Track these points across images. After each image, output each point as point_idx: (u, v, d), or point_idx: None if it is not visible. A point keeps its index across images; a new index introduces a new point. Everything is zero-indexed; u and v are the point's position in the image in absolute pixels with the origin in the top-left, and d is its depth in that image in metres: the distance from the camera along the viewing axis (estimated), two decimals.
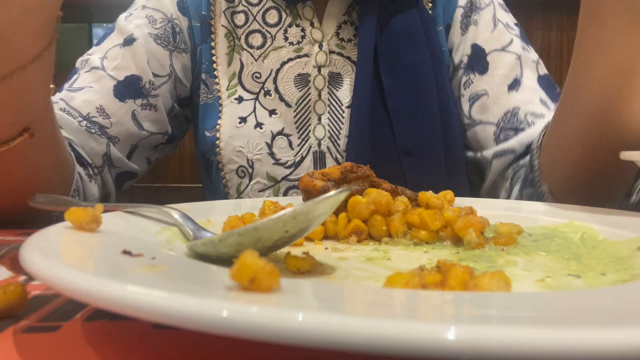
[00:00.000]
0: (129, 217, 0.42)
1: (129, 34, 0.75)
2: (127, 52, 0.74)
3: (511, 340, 0.15)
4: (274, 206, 0.48)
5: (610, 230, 0.41)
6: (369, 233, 0.44)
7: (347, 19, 0.76)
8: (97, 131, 0.71)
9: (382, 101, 0.71)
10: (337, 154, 0.74)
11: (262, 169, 0.74)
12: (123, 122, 0.73)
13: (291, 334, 0.17)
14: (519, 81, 0.73)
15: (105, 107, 0.72)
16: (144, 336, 0.25)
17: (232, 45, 0.77)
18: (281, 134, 0.74)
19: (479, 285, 0.25)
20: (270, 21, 0.77)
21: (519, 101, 0.72)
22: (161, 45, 0.77)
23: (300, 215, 0.30)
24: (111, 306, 0.19)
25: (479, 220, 0.41)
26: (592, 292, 0.26)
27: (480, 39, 0.75)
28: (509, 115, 0.71)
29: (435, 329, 0.16)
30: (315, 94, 0.75)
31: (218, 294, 0.21)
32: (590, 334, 0.15)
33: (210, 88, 0.78)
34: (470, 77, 0.75)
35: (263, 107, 0.75)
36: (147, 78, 0.75)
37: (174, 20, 0.78)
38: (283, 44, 0.76)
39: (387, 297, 0.22)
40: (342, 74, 0.76)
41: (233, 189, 0.76)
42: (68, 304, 0.30)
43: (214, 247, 0.32)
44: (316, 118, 0.74)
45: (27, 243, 0.27)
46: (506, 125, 0.72)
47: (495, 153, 0.71)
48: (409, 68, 0.71)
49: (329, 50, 0.75)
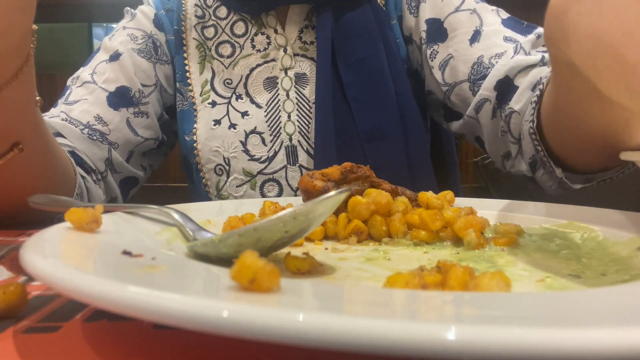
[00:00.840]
0: (129, 217, 0.42)
1: (114, 50, 0.81)
2: (115, 66, 0.80)
3: (511, 340, 0.15)
4: (274, 206, 0.48)
5: (610, 230, 0.41)
6: (369, 233, 0.44)
7: (308, 24, 0.82)
8: (99, 137, 0.75)
9: (343, 93, 0.77)
10: (308, 146, 0.79)
11: (238, 166, 0.79)
12: (120, 128, 0.77)
13: (291, 334, 0.17)
14: (479, 32, 0.74)
15: (102, 116, 0.76)
16: (144, 336, 0.25)
17: (203, 55, 0.84)
18: (254, 132, 0.79)
19: (479, 285, 0.25)
20: (237, 32, 0.84)
21: (481, 50, 0.73)
22: (145, 58, 0.83)
23: (301, 216, 0.30)
24: (111, 306, 0.19)
25: (479, 220, 0.41)
26: (592, 292, 0.26)
27: (432, 12, 0.78)
28: (475, 66, 0.73)
29: (436, 329, 0.16)
30: (283, 94, 0.80)
31: (218, 294, 0.21)
32: (590, 334, 0.15)
33: (185, 95, 0.84)
34: (434, 48, 0.77)
35: (235, 109, 0.81)
36: (136, 87, 0.80)
37: (153, 36, 0.85)
38: (251, 51, 0.83)
39: (387, 298, 0.22)
40: (308, 73, 0.81)
41: (212, 187, 0.81)
42: (68, 304, 0.30)
43: (214, 247, 0.32)
44: (286, 116, 0.80)
45: (27, 244, 0.27)
46: (476, 77, 0.72)
47: (475, 107, 0.72)
48: (364, 61, 0.77)
49: (294, 53, 0.82)
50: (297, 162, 0.79)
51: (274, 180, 0.79)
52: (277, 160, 0.79)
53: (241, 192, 0.79)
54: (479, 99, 0.71)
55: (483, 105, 0.70)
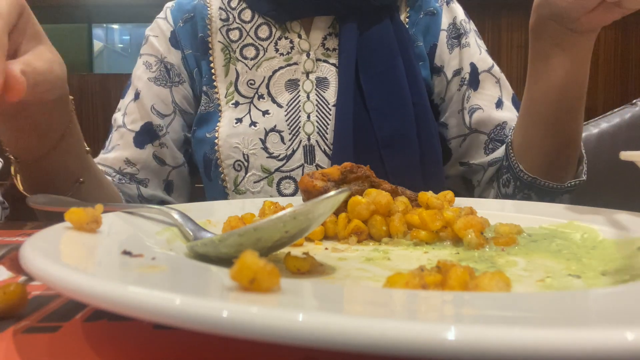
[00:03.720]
0: (129, 217, 0.42)
1: (136, 88, 0.88)
2: (138, 105, 0.87)
3: (511, 340, 0.15)
4: (274, 206, 0.48)
5: (610, 230, 0.41)
6: (369, 233, 0.44)
7: (332, 31, 0.87)
8: (127, 181, 0.84)
9: (363, 101, 0.82)
10: (326, 146, 0.83)
11: (257, 162, 0.82)
12: (147, 164, 0.85)
13: (291, 334, 0.17)
14: (501, 101, 0.86)
15: (131, 158, 0.84)
16: (144, 336, 0.25)
17: (228, 57, 0.88)
18: (274, 130, 0.82)
19: (479, 285, 0.25)
20: (261, 35, 0.88)
21: (505, 117, 0.85)
22: (161, 86, 0.88)
23: (300, 216, 0.30)
24: (111, 306, 0.19)
25: (479, 220, 0.41)
26: (592, 292, 0.26)
27: (474, 58, 0.88)
28: (498, 128, 0.84)
29: (435, 329, 0.16)
30: (304, 96, 0.84)
31: (218, 294, 0.21)
32: (590, 334, 0.15)
33: (211, 97, 0.88)
34: (469, 92, 0.86)
35: (257, 108, 0.84)
36: (156, 122, 0.87)
37: (164, 60, 0.89)
38: (274, 54, 0.87)
39: (387, 298, 0.22)
40: (329, 78, 0.85)
41: (230, 183, 0.84)
42: (68, 304, 0.30)
43: (214, 247, 0.32)
44: (305, 116, 0.83)
45: (27, 243, 0.27)
46: (495, 137, 0.84)
47: (490, 162, 0.84)
48: (383, 74, 0.83)
49: (316, 58, 0.86)
50: (314, 161, 0.82)
51: (290, 177, 0.82)
52: (294, 158, 0.82)
53: (258, 188, 0.82)
54: (497, 157, 0.83)
55: (497, 162, 0.83)
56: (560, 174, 0.72)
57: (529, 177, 0.72)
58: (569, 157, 0.72)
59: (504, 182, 0.77)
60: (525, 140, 0.73)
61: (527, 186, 0.73)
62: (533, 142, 0.72)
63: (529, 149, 0.72)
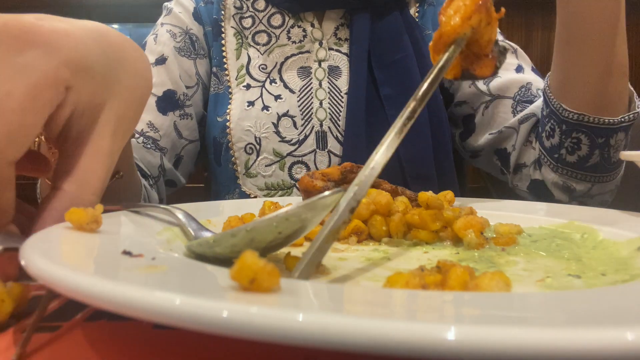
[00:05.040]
0: (130, 217, 0.42)
1: (160, 54, 0.87)
2: (161, 70, 0.85)
3: (511, 341, 0.15)
4: (274, 206, 0.48)
5: (610, 230, 0.41)
6: (369, 233, 0.44)
7: (344, 22, 0.88)
8: (152, 146, 0.81)
9: (375, 89, 0.83)
10: (338, 133, 0.83)
11: (269, 146, 0.82)
12: (168, 132, 0.83)
13: (291, 334, 0.17)
14: (521, 67, 0.84)
15: (154, 122, 0.82)
16: (143, 336, 0.25)
17: (240, 42, 0.89)
18: (286, 115, 0.83)
19: (479, 285, 0.25)
20: (274, 24, 0.89)
21: (529, 79, 0.82)
22: (185, 57, 0.88)
23: (293, 217, 0.30)
24: (111, 306, 0.19)
25: (479, 220, 0.41)
26: (592, 292, 0.26)
27: None
28: (523, 89, 0.81)
29: (435, 329, 0.16)
30: (316, 83, 0.85)
31: (218, 294, 0.21)
32: (590, 334, 0.15)
33: (221, 79, 0.88)
34: None
35: (269, 92, 0.85)
36: (181, 91, 0.86)
37: (189, 32, 0.90)
38: (286, 42, 0.87)
39: (387, 298, 0.22)
40: (340, 67, 0.86)
41: (241, 166, 0.84)
42: (68, 304, 0.30)
43: (209, 247, 0.32)
44: (318, 102, 0.84)
45: (27, 243, 0.27)
46: (522, 99, 0.81)
47: (521, 119, 0.79)
48: (396, 64, 0.83)
49: (328, 47, 0.87)
50: (326, 147, 0.83)
51: (302, 162, 0.82)
52: (307, 143, 0.83)
53: (269, 171, 0.82)
54: (528, 113, 0.78)
55: (529, 118, 0.78)
56: (610, 107, 0.65)
57: (575, 115, 0.65)
58: (616, 85, 0.65)
59: (548, 133, 0.71)
60: (565, 76, 0.67)
61: (575, 128, 0.66)
62: (575, 76, 0.66)
63: (572, 86, 0.66)
